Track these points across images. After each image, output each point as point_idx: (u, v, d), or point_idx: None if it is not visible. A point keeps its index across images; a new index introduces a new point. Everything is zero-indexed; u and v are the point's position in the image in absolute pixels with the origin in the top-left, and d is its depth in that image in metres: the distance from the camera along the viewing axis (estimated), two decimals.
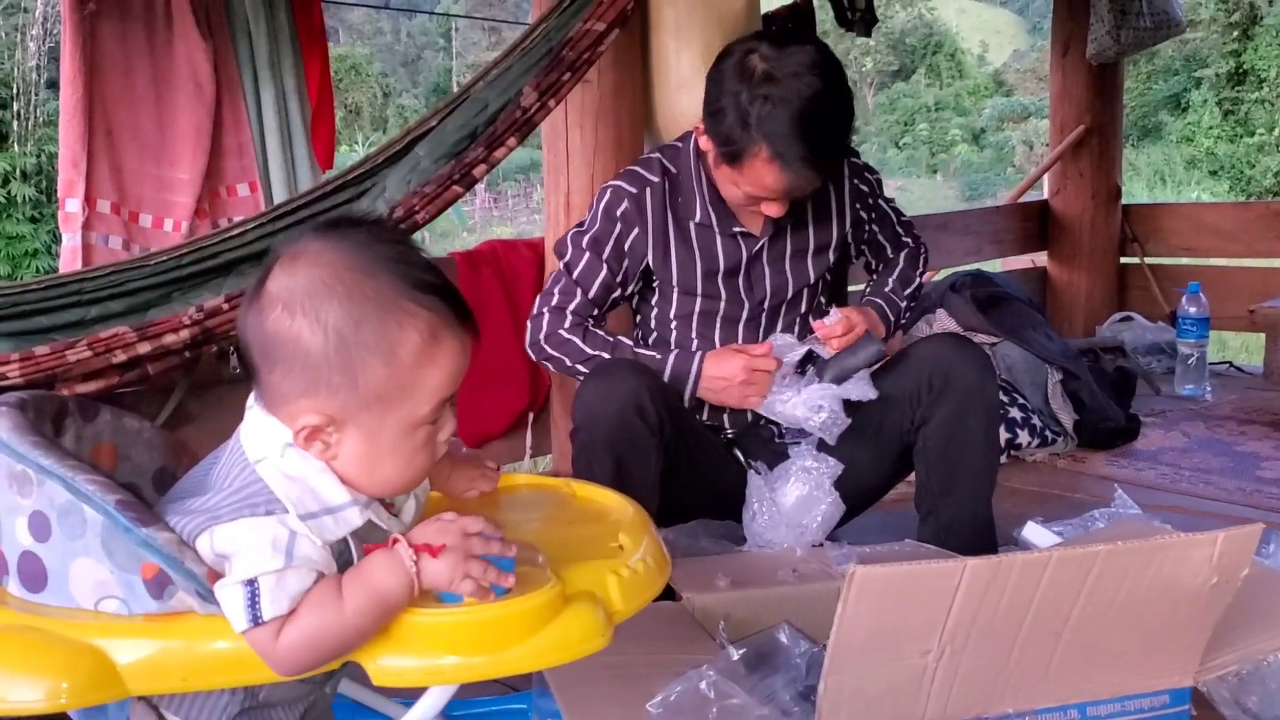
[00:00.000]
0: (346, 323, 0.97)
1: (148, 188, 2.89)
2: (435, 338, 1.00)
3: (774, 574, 1.74)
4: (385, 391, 0.98)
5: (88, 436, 1.16)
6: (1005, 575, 1.15)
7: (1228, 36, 21.07)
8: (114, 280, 2.10)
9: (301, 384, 0.98)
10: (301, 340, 0.97)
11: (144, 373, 1.97)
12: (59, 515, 0.99)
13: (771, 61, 1.79)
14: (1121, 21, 4.32)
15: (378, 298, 0.97)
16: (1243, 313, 4.17)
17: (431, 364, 1.00)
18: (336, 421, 0.99)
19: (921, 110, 29.16)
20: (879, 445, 1.99)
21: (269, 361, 0.99)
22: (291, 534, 0.97)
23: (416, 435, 1.02)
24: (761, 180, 1.82)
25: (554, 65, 2.25)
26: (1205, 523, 2.50)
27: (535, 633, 0.98)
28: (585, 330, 2.00)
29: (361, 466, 1.01)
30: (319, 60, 3.15)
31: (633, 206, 2.00)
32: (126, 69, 2.85)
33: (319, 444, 1.00)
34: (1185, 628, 1.29)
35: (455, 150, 2.21)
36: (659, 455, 1.82)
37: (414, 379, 0.99)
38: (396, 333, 0.98)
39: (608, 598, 1.04)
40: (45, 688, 0.94)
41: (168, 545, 0.96)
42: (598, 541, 1.15)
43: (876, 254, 2.16)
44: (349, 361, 0.97)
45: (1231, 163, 20.51)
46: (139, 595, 0.98)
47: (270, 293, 0.99)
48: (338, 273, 0.98)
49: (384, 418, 0.99)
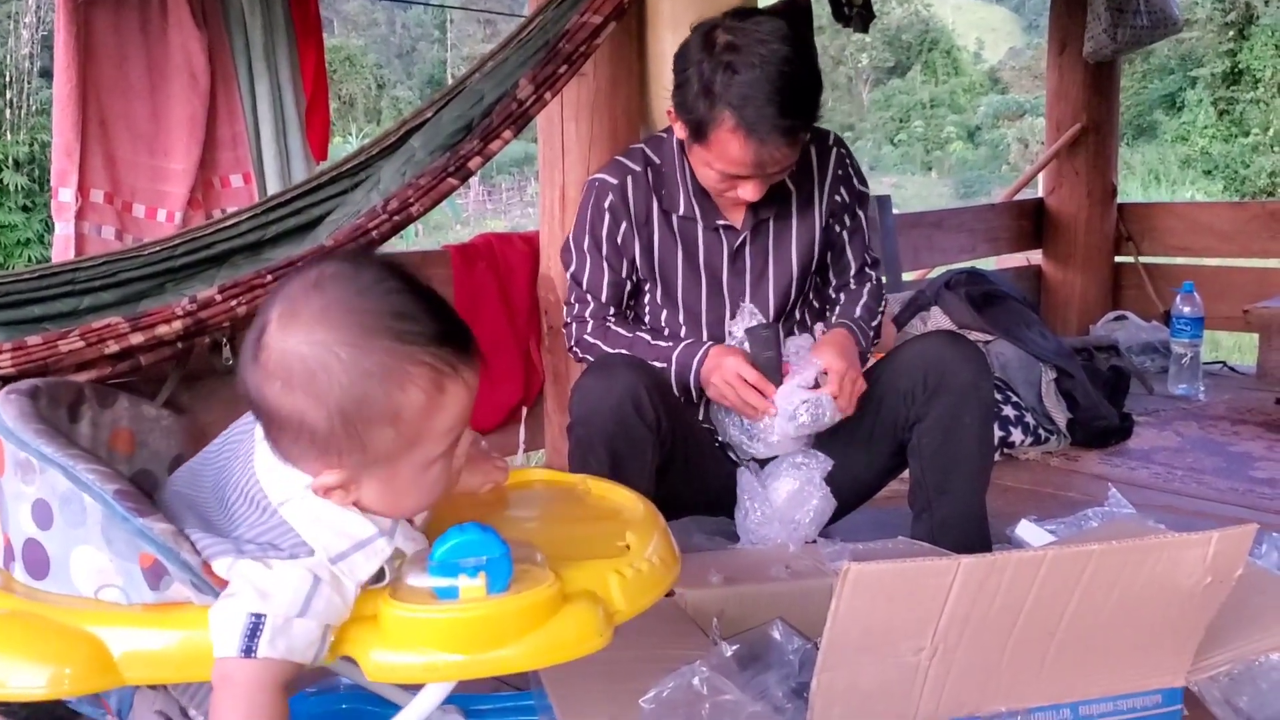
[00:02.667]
0: (349, 402, 0.96)
1: (141, 178, 2.88)
2: (440, 389, 0.99)
3: (767, 570, 1.74)
4: (394, 450, 0.99)
5: (105, 423, 1.16)
6: (1000, 573, 1.15)
7: (1223, 36, 21.08)
8: (106, 270, 2.09)
9: (311, 453, 0.99)
10: (306, 419, 0.97)
11: (136, 363, 1.96)
12: (60, 503, 0.99)
13: (735, 33, 1.78)
14: (1119, 20, 4.32)
15: (378, 369, 0.96)
16: (1237, 312, 4.18)
17: (439, 413, 1.00)
18: (353, 479, 1.00)
19: (917, 107, 29.15)
20: (873, 442, 1.98)
21: (275, 428, 1.00)
22: (316, 582, 0.97)
23: (432, 470, 1.03)
24: (729, 152, 1.79)
25: (550, 58, 2.24)
26: (1198, 523, 2.50)
27: (531, 631, 0.97)
28: (605, 329, 2.01)
29: (384, 505, 1.03)
30: (314, 51, 3.14)
31: (617, 198, 1.99)
32: (121, 58, 2.84)
33: (338, 493, 1.01)
34: (1179, 627, 1.29)
35: (450, 142, 2.20)
36: (655, 451, 1.81)
37: (422, 431, 1.00)
38: (400, 397, 0.97)
39: (609, 597, 1.03)
40: (48, 674, 0.94)
41: (163, 536, 0.96)
42: (605, 540, 1.14)
43: (839, 268, 2.10)
44: (355, 436, 0.97)
45: (1226, 162, 20.52)
46: (137, 584, 0.98)
47: (269, 363, 0.97)
48: (332, 350, 0.96)
49: (397, 468, 1.01)
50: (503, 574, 0.98)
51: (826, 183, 2.01)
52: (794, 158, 1.84)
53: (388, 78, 28.21)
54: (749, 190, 1.85)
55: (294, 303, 0.98)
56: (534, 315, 3.06)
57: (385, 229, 2.09)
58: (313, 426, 0.96)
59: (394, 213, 2.09)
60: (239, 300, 1.98)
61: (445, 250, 2.96)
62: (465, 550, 0.98)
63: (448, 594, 0.97)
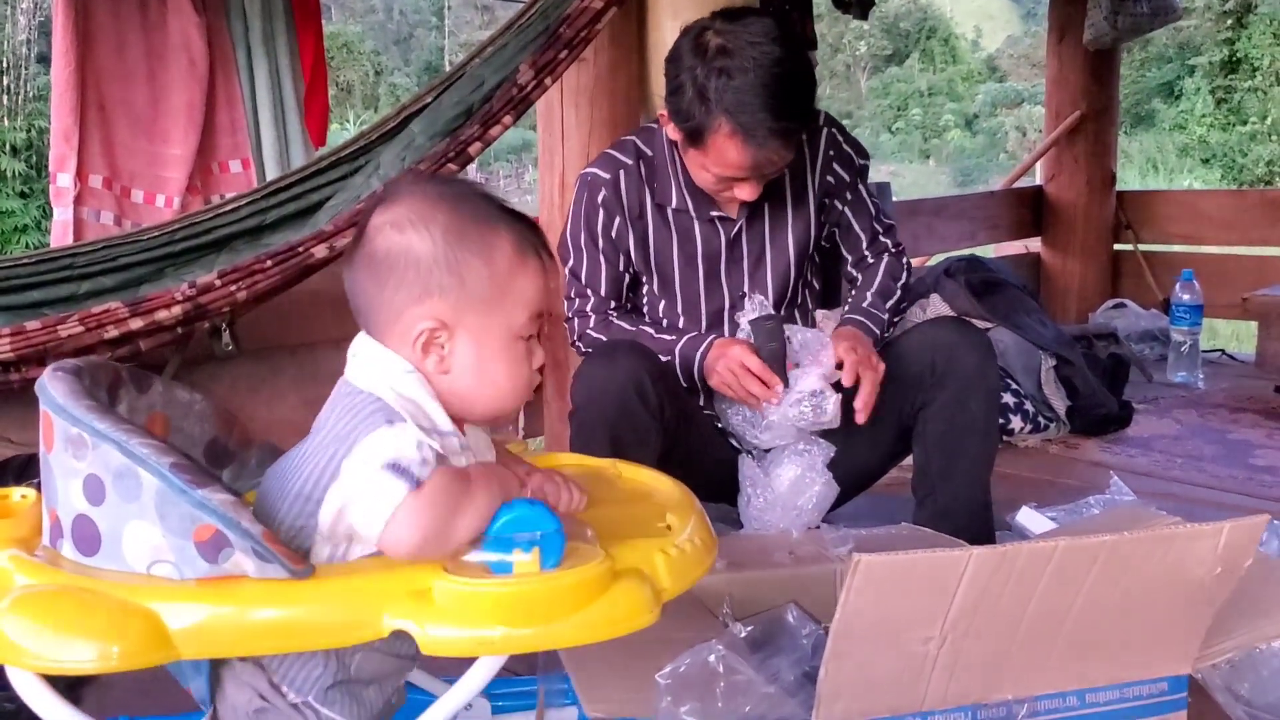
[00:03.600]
0: (451, 230, 1.09)
1: (140, 163, 2.87)
2: (523, 253, 1.11)
3: (771, 556, 1.73)
4: (488, 293, 1.09)
5: (141, 407, 1.17)
6: (1010, 564, 1.14)
7: (1221, 25, 21.02)
8: (106, 255, 2.08)
9: (416, 290, 1.08)
10: (413, 249, 1.08)
11: (135, 348, 1.96)
12: (114, 479, 0.99)
13: (726, 35, 1.75)
14: (1119, 7, 4.31)
15: (473, 214, 1.11)
16: (1236, 300, 4.18)
17: (523, 273, 1.11)
18: (447, 325, 1.08)
19: (915, 95, 29.03)
20: (877, 427, 1.97)
21: (380, 280, 1.09)
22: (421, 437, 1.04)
23: (517, 347, 1.11)
24: (726, 157, 1.78)
25: (551, 43, 2.23)
26: (1198, 510, 2.50)
27: (584, 607, 0.98)
28: (607, 323, 2.00)
29: (474, 374, 1.10)
30: (313, 37, 3.12)
31: (610, 193, 1.97)
32: (119, 44, 2.82)
33: (434, 355, 1.09)
34: (1187, 617, 1.29)
35: (450, 128, 2.19)
36: (658, 437, 1.80)
37: (509, 284, 1.10)
38: (493, 239, 1.10)
39: (656, 575, 1.05)
40: (96, 649, 0.94)
41: (223, 506, 0.96)
42: (645, 521, 1.16)
43: (850, 244, 2.07)
44: (456, 262, 1.08)
45: (1224, 151, 20.48)
46: (191, 559, 0.98)
47: (376, 224, 1.10)
48: (435, 198, 1.11)
49: (489, 319, 1.09)
50: (555, 550, 1.00)
51: (818, 164, 2.00)
52: (791, 157, 1.83)
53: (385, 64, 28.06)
54: (746, 191, 1.85)
55: (391, 191, 1.14)
56: None
57: None
58: (419, 254, 1.08)
59: None
60: (238, 285, 1.98)
61: None
62: (519, 525, 1.00)
63: (502, 568, 0.99)
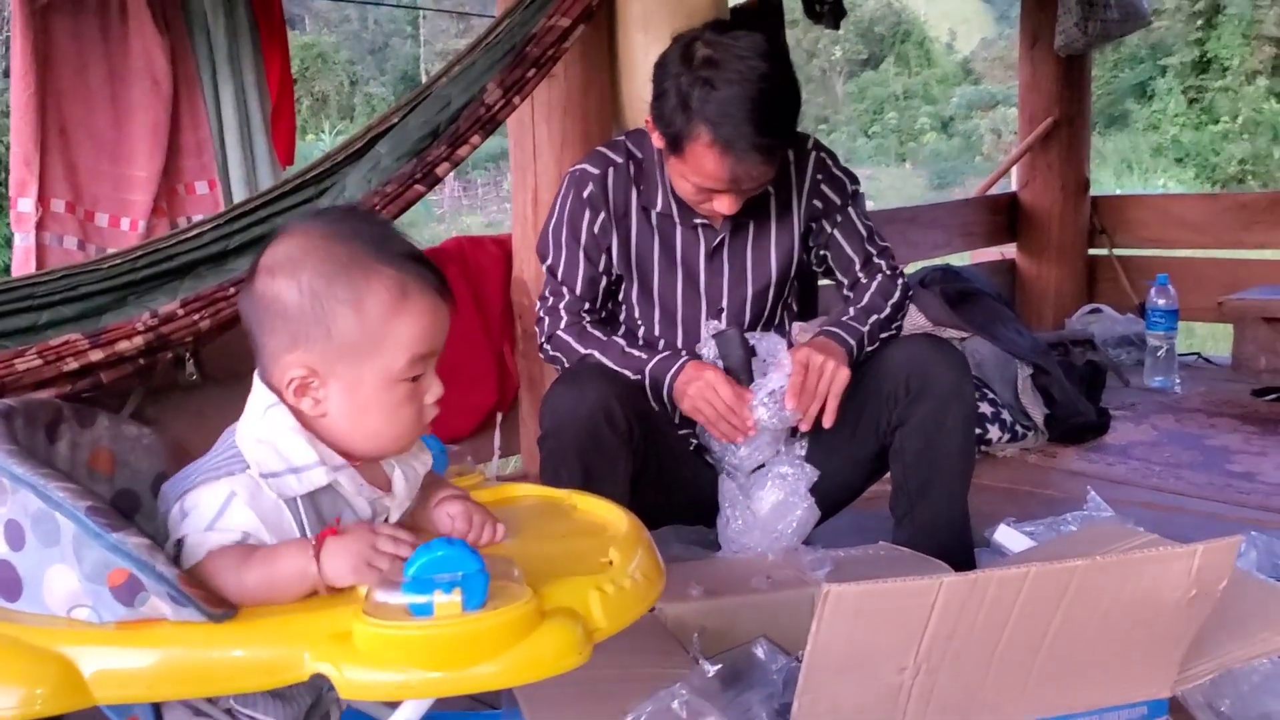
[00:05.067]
0: (319, 280, 1.06)
1: (104, 186, 2.83)
2: (404, 294, 1.07)
3: (747, 581, 1.71)
4: (358, 342, 1.06)
5: (84, 443, 1.16)
6: (982, 591, 1.12)
7: (1191, 25, 21.22)
8: (66, 285, 2.04)
9: (285, 339, 1.06)
10: (281, 298, 1.06)
11: (97, 380, 1.92)
12: (33, 523, 0.99)
13: (714, 47, 1.75)
14: (1089, 13, 4.32)
15: (349, 259, 1.07)
16: (1211, 304, 4.19)
17: (401, 317, 1.07)
18: (319, 374, 1.06)
19: (890, 99, 29.18)
20: (854, 446, 1.96)
21: (258, 324, 1.09)
22: (230, 497, 1.03)
23: (397, 390, 1.08)
24: (704, 167, 1.77)
25: (518, 62, 2.21)
26: (1176, 520, 2.50)
27: (507, 648, 0.95)
28: (581, 329, 1.97)
29: (349, 419, 1.08)
30: (279, 55, 3.09)
31: (598, 189, 1.95)
32: (80, 65, 2.78)
33: (309, 399, 1.07)
34: (1164, 640, 1.27)
35: (417, 148, 2.16)
36: (628, 462, 1.78)
37: (384, 331, 1.06)
38: (364, 286, 1.06)
39: (589, 614, 1.02)
40: (19, 695, 0.94)
41: (139, 550, 0.95)
42: (588, 556, 1.12)
43: (843, 267, 2.03)
44: (322, 313, 1.05)
45: (1197, 150, 20.66)
46: (108, 603, 0.98)
47: (260, 265, 1.09)
48: (314, 241, 1.08)
49: (360, 368, 1.07)
50: (478, 590, 0.96)
51: (805, 188, 1.98)
52: (770, 174, 1.81)
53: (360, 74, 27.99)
54: (724, 204, 1.83)
55: (285, 227, 1.12)
56: (508, 319, 3.02)
57: None
58: (286, 304, 1.06)
59: None
60: (201, 314, 1.94)
61: None
62: (440, 566, 0.96)
63: (422, 610, 0.95)
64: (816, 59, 29.83)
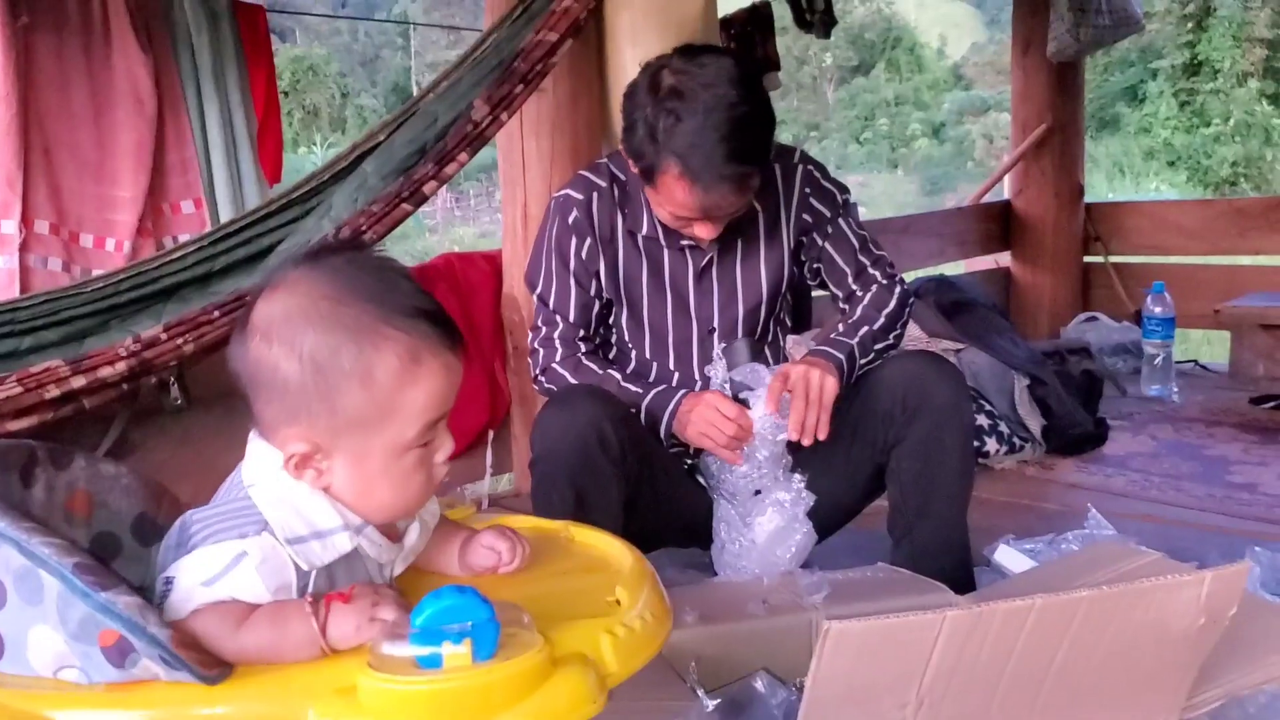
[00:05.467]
0: (321, 350, 0.97)
1: (88, 207, 2.79)
2: (415, 359, 0.99)
3: (744, 607, 1.68)
4: (366, 416, 0.98)
5: (60, 485, 1.12)
6: (986, 625, 1.09)
7: (1182, 28, 21.28)
8: (48, 309, 2.01)
9: (284, 413, 0.99)
10: (280, 369, 0.98)
11: (79, 407, 1.88)
12: (15, 580, 0.94)
13: (680, 75, 1.71)
14: (1081, 19, 4.30)
15: (354, 324, 0.98)
16: (1207, 311, 4.17)
17: (413, 386, 0.99)
18: (323, 448, 0.99)
19: (881, 105, 29.23)
20: (850, 465, 1.93)
21: (254, 390, 1.00)
22: (239, 557, 0.95)
23: (406, 458, 1.01)
24: (675, 198, 1.74)
25: (506, 77, 2.18)
26: (1176, 533, 2.47)
27: (520, 700, 0.91)
28: (576, 362, 1.93)
29: (356, 492, 1.01)
30: (264, 71, 3.06)
31: (582, 214, 1.91)
32: (63, 84, 2.75)
33: (311, 471, 1.00)
34: (1171, 669, 1.24)
35: (404, 166, 2.14)
36: (621, 486, 1.75)
37: (395, 402, 0.99)
38: (373, 356, 0.98)
39: (601, 659, 0.98)
40: None
41: (129, 610, 0.90)
42: (593, 595, 1.09)
43: (836, 279, 2.00)
44: (326, 389, 0.97)
45: (1189, 153, 20.71)
46: (98, 664, 0.92)
47: (252, 322, 1.00)
48: (314, 301, 0.98)
49: (369, 442, 0.99)
50: (489, 639, 0.92)
51: (794, 202, 1.95)
52: (746, 201, 1.79)
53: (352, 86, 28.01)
54: (703, 230, 1.81)
55: (284, 272, 1.02)
56: (498, 336, 2.99)
57: None
58: (285, 377, 0.97)
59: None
60: (185, 338, 1.91)
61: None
62: (448, 616, 0.92)
63: (431, 663, 0.91)
64: (807, 66, 29.89)
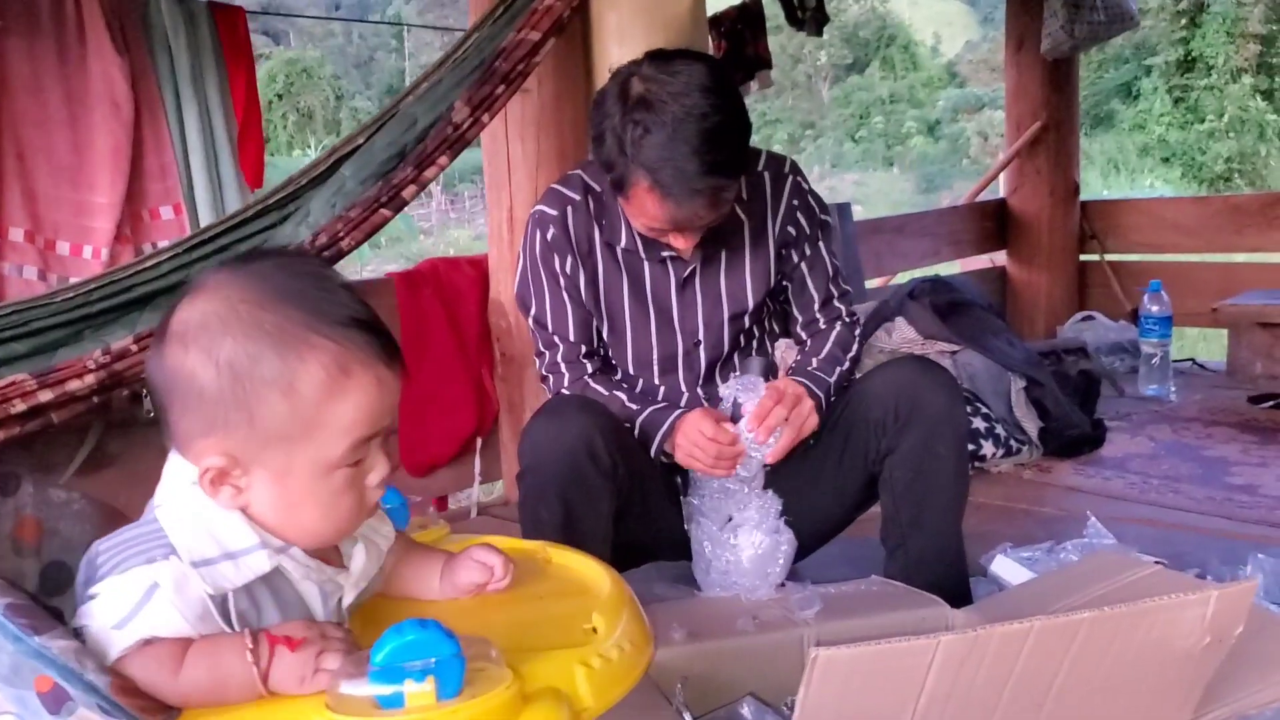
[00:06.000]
0: (240, 357, 0.90)
1: (64, 213, 2.73)
2: (344, 371, 0.92)
3: (733, 623, 1.62)
4: (288, 429, 0.91)
5: (7, 513, 1.06)
6: (982, 649, 1.04)
7: (1176, 24, 21.24)
8: (17, 320, 1.96)
9: (200, 423, 0.92)
10: (196, 376, 0.91)
11: (48, 421, 1.83)
12: None
13: (650, 83, 1.63)
14: (1075, 16, 4.26)
15: (277, 331, 0.91)
16: (1204, 308, 4.13)
17: (340, 399, 0.92)
18: (241, 462, 0.92)
19: (876, 103, 29.16)
20: (841, 475, 1.87)
21: (170, 401, 0.93)
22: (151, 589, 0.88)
23: (334, 478, 0.94)
24: (646, 210, 1.68)
25: (487, 77, 2.13)
26: (1178, 537, 2.42)
27: None
28: (584, 385, 1.87)
29: (278, 512, 0.94)
30: (244, 74, 3.00)
31: (559, 230, 1.84)
32: (37, 88, 2.69)
33: (228, 488, 0.93)
34: (1176, 690, 1.19)
35: (383, 170, 2.09)
36: (611, 500, 1.69)
37: (320, 416, 0.92)
38: (297, 365, 0.91)
39: (575, 694, 0.92)
40: None
41: (64, 655, 0.84)
42: (569, 622, 1.03)
43: (802, 303, 1.95)
44: (245, 398, 0.90)
45: (1183, 149, 20.69)
46: (34, 710, 0.86)
47: (170, 328, 0.93)
48: (234, 306, 0.91)
49: (291, 457, 0.92)
50: (454, 676, 0.86)
51: (780, 213, 1.88)
52: (719, 213, 1.72)
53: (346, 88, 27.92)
54: (678, 241, 1.75)
55: (200, 281, 0.95)
56: (485, 342, 2.94)
57: None
58: (201, 385, 0.90)
59: (323, 248, 1.97)
60: None
61: (389, 278, 2.84)
62: (410, 651, 0.86)
63: (392, 702, 0.85)
64: (802, 64, 29.85)
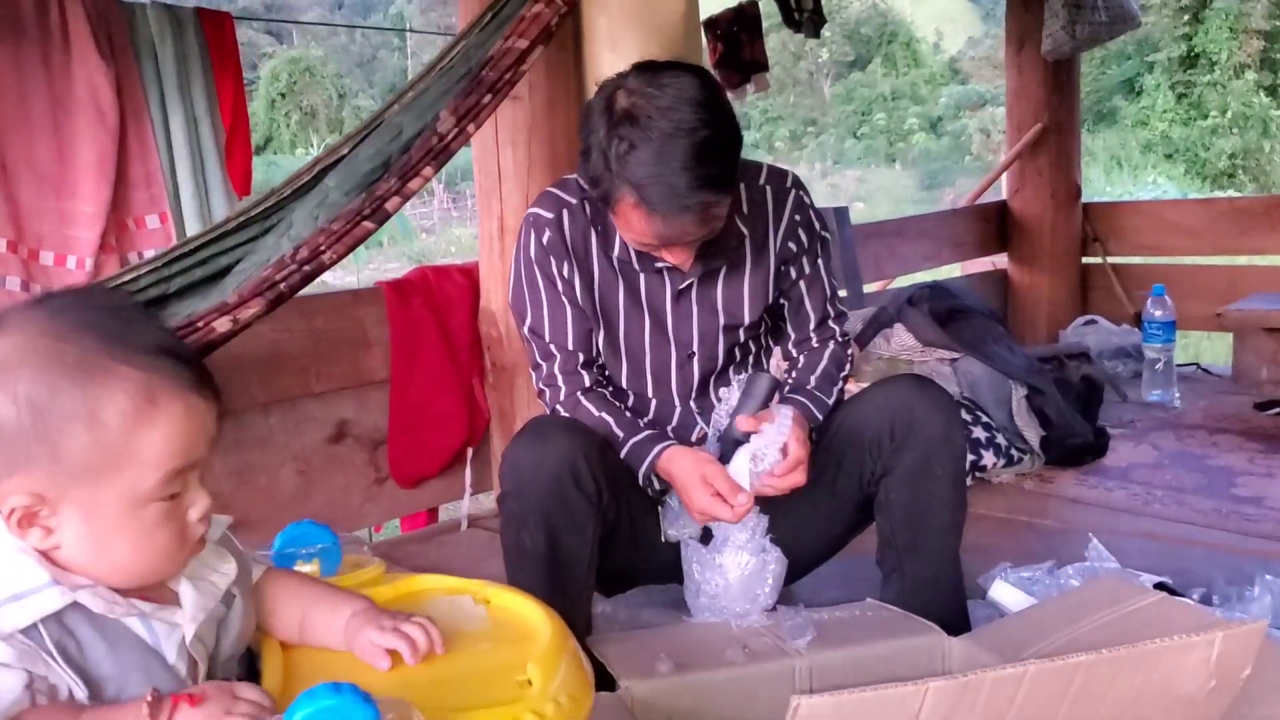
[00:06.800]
0: (38, 390, 0.87)
1: (48, 223, 2.68)
2: (151, 400, 0.89)
3: (722, 653, 1.57)
4: (94, 462, 0.88)
5: None
6: (974, 695, 0.99)
7: (1178, 20, 21.15)
8: None
9: (2, 463, 0.88)
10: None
11: None
12: None
13: (636, 97, 1.58)
14: (1077, 16, 4.21)
15: (77, 362, 0.88)
16: (1208, 312, 4.08)
17: (148, 429, 0.89)
18: (48, 500, 0.88)
19: (878, 100, 29.08)
20: (836, 497, 1.83)
21: None
22: None
23: (147, 512, 0.91)
24: (634, 226, 1.63)
25: (473, 87, 2.08)
26: (1182, 552, 2.37)
27: None
28: (575, 403, 1.82)
29: (88, 550, 0.90)
30: (231, 80, 2.94)
31: (555, 233, 1.79)
32: (20, 95, 2.64)
33: (37, 530, 0.89)
34: None
35: (367, 181, 2.03)
36: (596, 525, 1.64)
37: (128, 447, 0.89)
38: (100, 396, 0.88)
39: None
40: None
41: None
42: (503, 675, 0.98)
43: (798, 321, 1.91)
44: (46, 432, 0.87)
45: (1186, 146, 20.60)
46: None
47: None
48: (31, 340, 0.88)
49: (100, 491, 0.89)
50: None
51: (781, 227, 1.83)
52: (709, 228, 1.66)
53: (349, 87, 27.87)
54: (670, 256, 1.70)
55: (9, 311, 0.92)
56: (476, 351, 2.89)
57: (294, 280, 1.92)
58: (1, 422, 0.87)
59: (304, 262, 1.92)
60: None
61: (378, 287, 2.80)
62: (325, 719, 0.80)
63: None
64: (804, 61, 29.79)
